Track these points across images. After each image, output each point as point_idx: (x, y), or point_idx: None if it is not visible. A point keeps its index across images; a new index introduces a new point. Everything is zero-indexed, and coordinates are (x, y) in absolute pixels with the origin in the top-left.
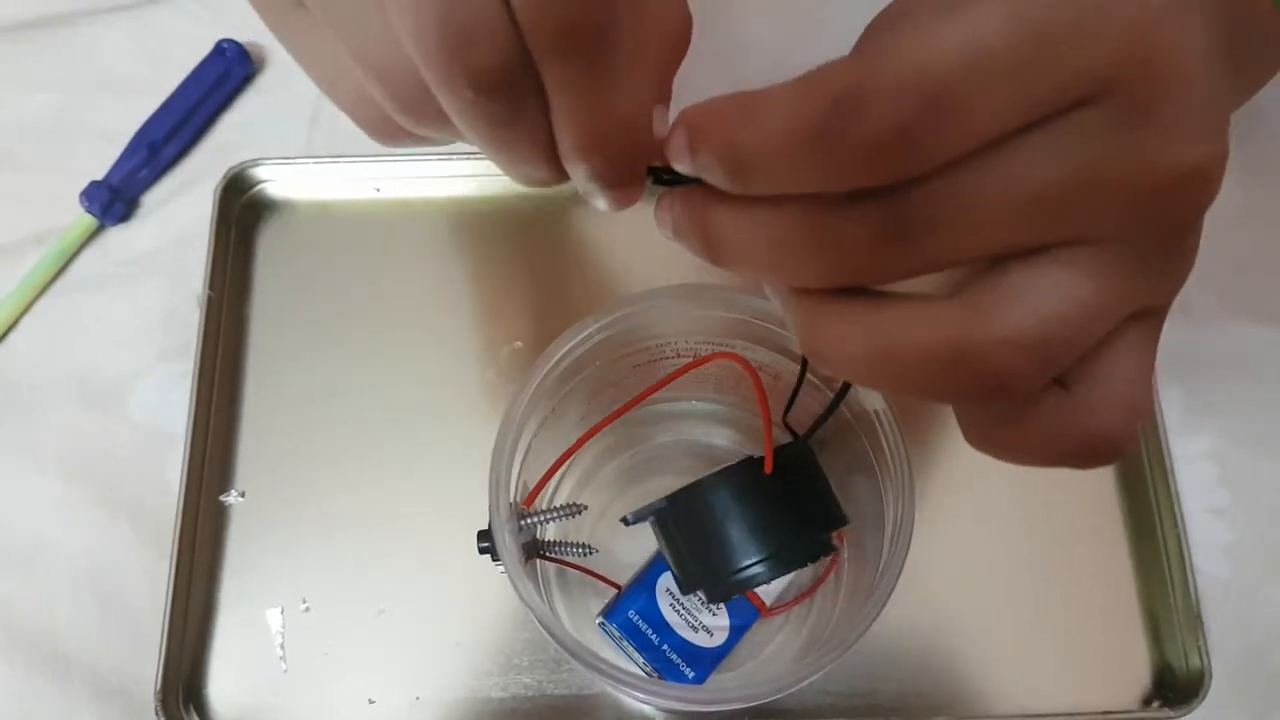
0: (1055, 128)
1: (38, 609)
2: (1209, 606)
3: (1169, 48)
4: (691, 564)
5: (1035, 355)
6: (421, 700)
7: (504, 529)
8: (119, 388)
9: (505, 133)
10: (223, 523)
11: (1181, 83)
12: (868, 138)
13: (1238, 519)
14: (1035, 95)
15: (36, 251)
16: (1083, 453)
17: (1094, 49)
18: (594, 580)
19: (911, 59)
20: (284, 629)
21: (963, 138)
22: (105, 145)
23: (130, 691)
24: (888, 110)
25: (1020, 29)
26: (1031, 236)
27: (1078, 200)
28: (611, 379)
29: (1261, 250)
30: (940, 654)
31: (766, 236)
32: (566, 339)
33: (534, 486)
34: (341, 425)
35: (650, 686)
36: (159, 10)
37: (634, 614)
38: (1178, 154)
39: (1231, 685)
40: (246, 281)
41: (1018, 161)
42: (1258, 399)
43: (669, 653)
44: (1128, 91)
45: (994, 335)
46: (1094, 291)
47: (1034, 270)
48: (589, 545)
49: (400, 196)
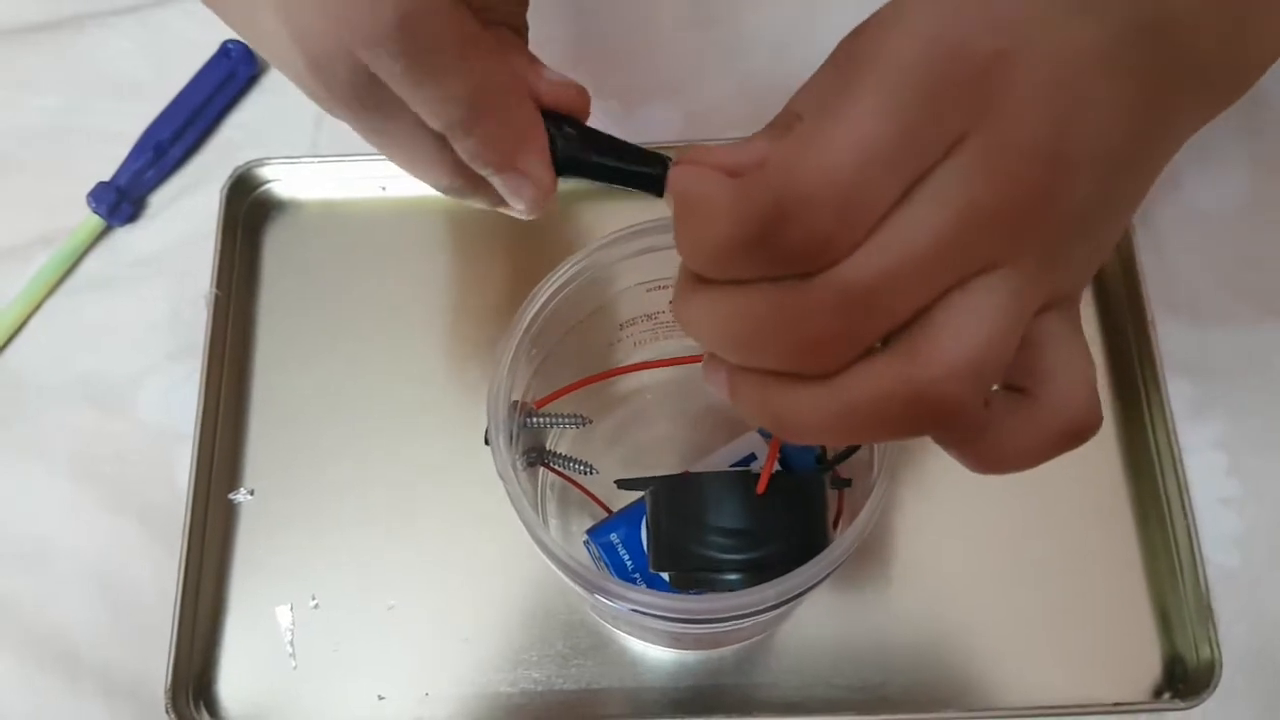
0: (934, 180)
1: (48, 608)
2: (1219, 597)
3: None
4: (665, 548)
5: (974, 377)
6: (431, 696)
7: (499, 419)
8: (127, 387)
9: (390, 142)
10: (232, 521)
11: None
12: (791, 248)
13: (1248, 509)
14: (916, 166)
15: (44, 253)
16: (1063, 443)
17: (954, 111)
18: (592, 505)
19: (816, 170)
20: (293, 626)
21: (867, 222)
22: (111, 147)
23: (140, 689)
24: (804, 225)
25: (895, 117)
26: (948, 280)
27: (969, 237)
28: (648, 309)
29: (1270, 243)
30: (949, 647)
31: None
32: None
33: (552, 393)
34: (349, 422)
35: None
36: (164, 12)
37: (615, 537)
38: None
39: (1243, 676)
40: (254, 281)
41: (912, 220)
42: (1267, 390)
43: (639, 581)
44: (982, 129)
45: (936, 372)
46: (1008, 307)
47: (953, 304)
48: (590, 464)
49: (406, 195)
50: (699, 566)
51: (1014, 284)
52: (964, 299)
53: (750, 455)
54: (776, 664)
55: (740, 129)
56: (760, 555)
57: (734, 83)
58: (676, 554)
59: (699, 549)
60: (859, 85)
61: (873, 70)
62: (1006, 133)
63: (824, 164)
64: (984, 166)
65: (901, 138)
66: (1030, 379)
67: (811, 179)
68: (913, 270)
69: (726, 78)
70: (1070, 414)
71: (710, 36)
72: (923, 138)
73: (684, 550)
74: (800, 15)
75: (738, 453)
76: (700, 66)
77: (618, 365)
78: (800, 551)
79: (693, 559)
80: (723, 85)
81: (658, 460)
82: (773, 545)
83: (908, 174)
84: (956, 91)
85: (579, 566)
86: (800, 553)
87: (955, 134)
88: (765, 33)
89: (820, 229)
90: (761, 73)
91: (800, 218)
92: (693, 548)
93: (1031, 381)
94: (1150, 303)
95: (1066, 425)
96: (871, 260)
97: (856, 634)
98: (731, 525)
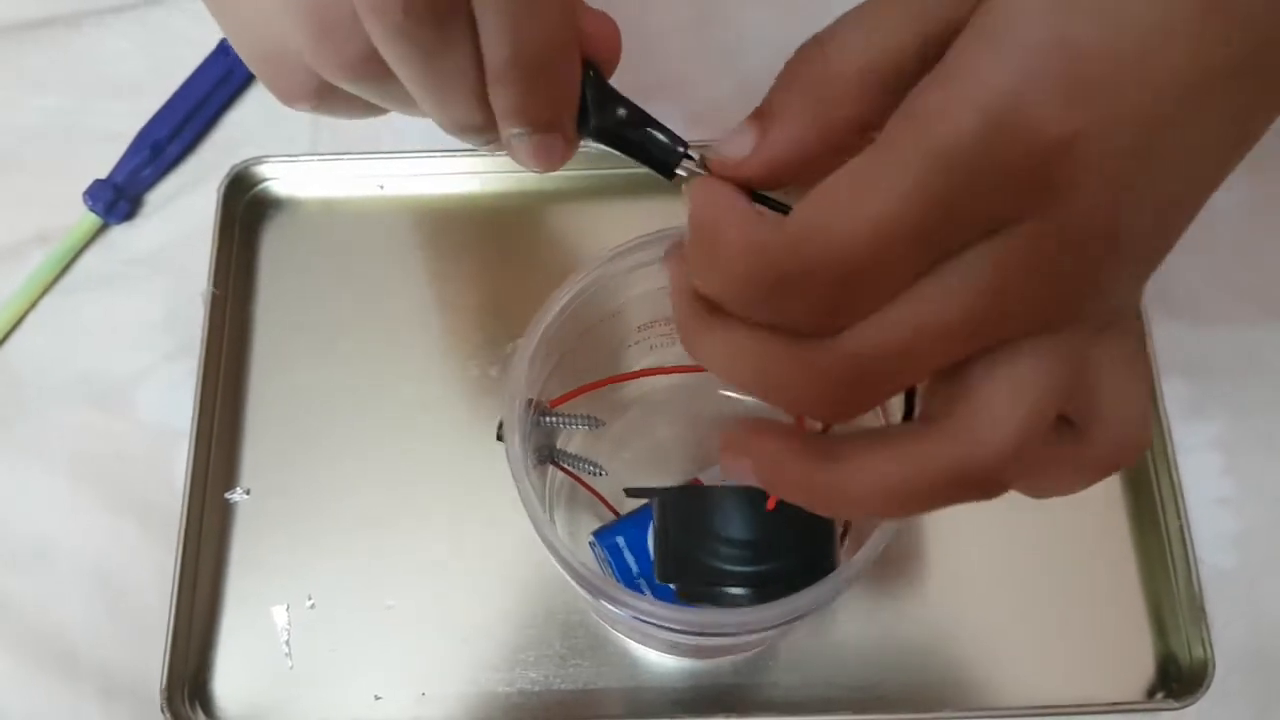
0: (972, 256)
1: (45, 607)
2: (1214, 597)
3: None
4: (672, 559)
5: (1025, 448)
6: (428, 696)
7: (515, 417)
8: (124, 386)
9: (435, 64)
10: (228, 520)
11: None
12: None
13: (1244, 509)
14: (951, 245)
15: (41, 251)
16: (1110, 471)
17: (1006, 198)
18: (599, 506)
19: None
20: (290, 626)
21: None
22: (108, 146)
23: (137, 688)
24: (814, 295)
25: (932, 202)
26: (981, 347)
27: (1007, 313)
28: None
29: (1267, 242)
30: (945, 647)
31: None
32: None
33: (566, 393)
34: (346, 422)
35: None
36: (161, 10)
37: (622, 541)
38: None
39: (1236, 676)
40: (251, 279)
41: (942, 293)
42: (1264, 390)
43: (643, 585)
44: (1038, 216)
45: (989, 451)
46: (1056, 371)
47: (997, 376)
48: (600, 465)
49: (404, 194)
50: (706, 579)
51: (1062, 347)
52: (1009, 369)
53: None
54: (774, 664)
55: None
56: (767, 569)
57: (734, 82)
58: (682, 572)
59: (706, 560)
60: (899, 149)
61: (917, 137)
62: (1067, 221)
63: (840, 239)
64: (1035, 251)
65: (936, 223)
66: (1079, 412)
67: (825, 253)
68: (937, 344)
69: (726, 78)
70: (1118, 446)
71: (710, 36)
72: (962, 221)
73: (690, 569)
74: (800, 15)
75: None
76: (700, 66)
77: (633, 367)
78: (807, 567)
79: (700, 571)
80: (722, 85)
81: (666, 464)
82: (780, 560)
83: (937, 253)
84: (1013, 181)
85: (586, 571)
86: (807, 568)
87: (1003, 218)
88: (765, 33)
89: (829, 301)
90: (761, 72)
91: (809, 288)
92: (700, 559)
93: (1080, 415)
94: (1146, 302)
95: (1113, 458)
96: (886, 334)
97: (854, 634)
98: (740, 544)
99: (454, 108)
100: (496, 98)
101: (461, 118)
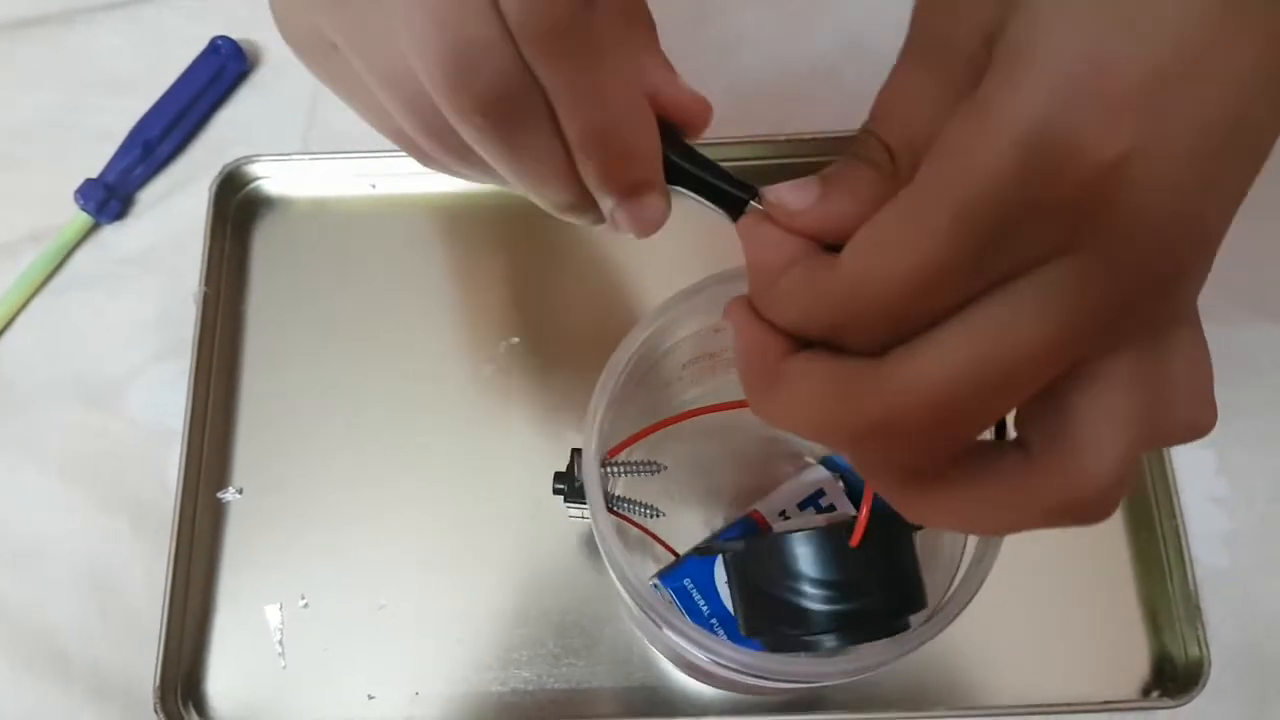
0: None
1: (37, 607)
2: (1208, 596)
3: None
4: (757, 613)
5: (1128, 473)
6: (421, 695)
7: (594, 469)
8: (116, 386)
9: (522, 155)
10: (221, 520)
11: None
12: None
13: (1238, 508)
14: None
15: (32, 250)
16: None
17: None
18: (652, 544)
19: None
20: (283, 625)
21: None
22: (100, 144)
23: (130, 688)
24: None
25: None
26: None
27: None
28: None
29: (1260, 244)
30: (940, 647)
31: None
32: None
33: (618, 443)
34: (339, 421)
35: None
36: (153, 8)
37: (689, 582)
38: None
39: (1231, 674)
40: (243, 278)
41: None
42: (1257, 389)
43: (715, 624)
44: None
45: (1099, 485)
46: (1144, 394)
47: (1094, 409)
48: (657, 508)
49: (396, 192)
50: (795, 637)
51: (1146, 364)
52: (1106, 400)
53: (819, 491)
54: None
55: (731, 128)
56: (858, 615)
57: (725, 82)
58: (770, 626)
59: (793, 621)
60: (938, 183)
61: (955, 169)
62: (1121, 246)
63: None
64: (1105, 271)
65: (980, 256)
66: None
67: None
68: (1020, 369)
69: (718, 77)
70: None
71: (702, 35)
72: (1015, 251)
73: (777, 621)
74: (793, 16)
75: (804, 490)
76: (692, 65)
77: (678, 403)
78: (901, 600)
79: (787, 630)
80: (714, 84)
81: (717, 499)
82: (871, 601)
83: (990, 280)
84: (1063, 207)
85: (694, 632)
86: (901, 601)
87: (1062, 243)
88: (757, 32)
89: (878, 339)
90: (753, 72)
91: (859, 330)
92: (786, 618)
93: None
94: None
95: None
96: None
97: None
98: (824, 590)
99: (549, 188)
100: (585, 173)
101: (558, 197)
